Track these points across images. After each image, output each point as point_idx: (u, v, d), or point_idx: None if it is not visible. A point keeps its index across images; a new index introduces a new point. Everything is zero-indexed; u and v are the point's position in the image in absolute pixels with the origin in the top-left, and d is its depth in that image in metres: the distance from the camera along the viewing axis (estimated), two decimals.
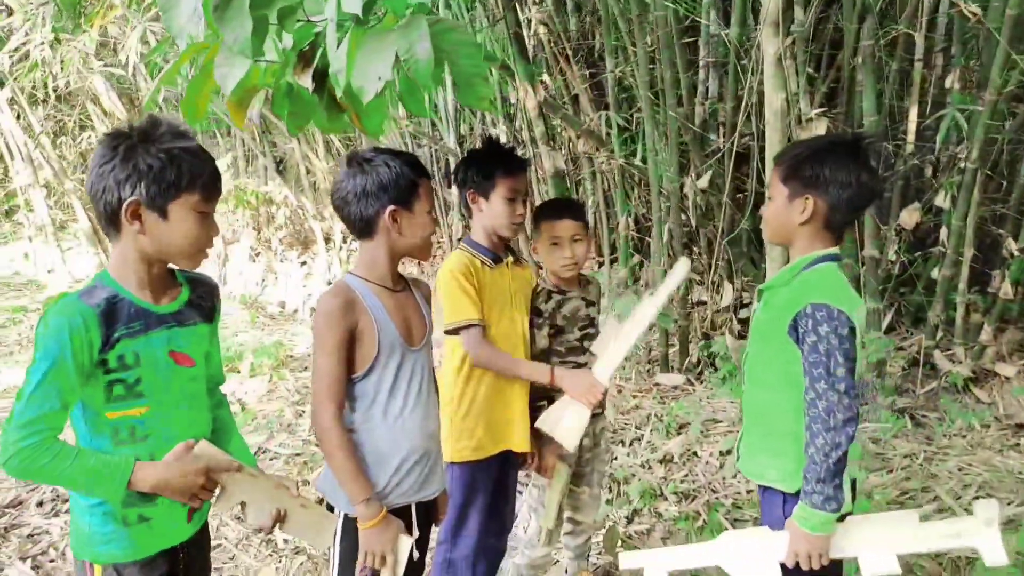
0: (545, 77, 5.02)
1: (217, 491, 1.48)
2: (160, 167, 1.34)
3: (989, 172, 3.92)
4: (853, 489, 1.76)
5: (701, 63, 4.56)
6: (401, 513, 1.67)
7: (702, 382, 4.05)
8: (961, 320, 4.12)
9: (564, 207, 2.28)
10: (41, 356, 1.30)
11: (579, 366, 2.19)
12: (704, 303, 4.68)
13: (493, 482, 2.11)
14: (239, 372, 4.74)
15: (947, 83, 3.98)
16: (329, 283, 6.79)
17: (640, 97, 4.17)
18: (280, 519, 1.53)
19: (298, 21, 1.48)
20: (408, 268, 6.92)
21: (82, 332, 1.31)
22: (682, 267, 2.00)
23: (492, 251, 2.08)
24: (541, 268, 2.40)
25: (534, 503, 2.24)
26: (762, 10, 2.77)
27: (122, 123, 1.55)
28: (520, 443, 2.10)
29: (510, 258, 2.15)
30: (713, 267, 4.50)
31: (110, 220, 1.38)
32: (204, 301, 1.54)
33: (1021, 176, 3.92)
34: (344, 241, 6.93)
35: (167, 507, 1.44)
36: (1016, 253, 3.87)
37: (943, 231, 4.08)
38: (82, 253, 7.65)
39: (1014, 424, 3.69)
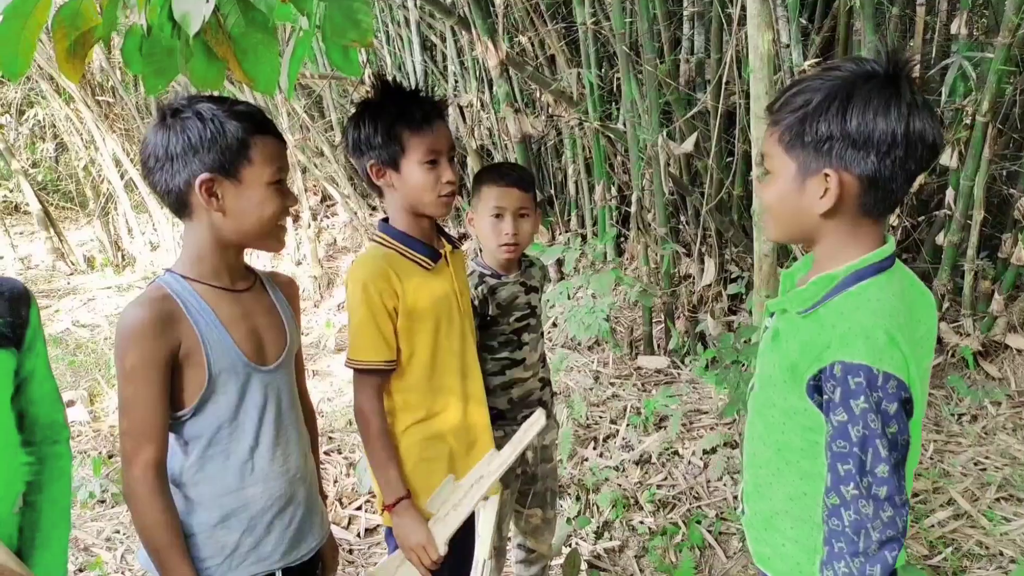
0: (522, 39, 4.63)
1: None
2: None
3: (1000, 126, 3.56)
4: None
5: (686, 14, 4.17)
6: None
7: (687, 365, 3.71)
8: (969, 289, 3.79)
9: (513, 173, 1.86)
10: None
11: (514, 363, 1.83)
12: (691, 276, 4.34)
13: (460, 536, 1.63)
14: None
15: (953, 29, 3.60)
16: (299, 263, 6.42)
17: (616, 52, 3.78)
18: None
19: None
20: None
21: None
22: (537, 419, 1.57)
23: (424, 242, 1.55)
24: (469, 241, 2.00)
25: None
26: None
27: None
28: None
29: (448, 246, 1.62)
30: (700, 238, 4.15)
31: None
32: None
33: None
34: (314, 218, 6.56)
35: None
36: None
37: (949, 193, 3.73)
38: (35, 238, 7.27)
39: None
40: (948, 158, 3.67)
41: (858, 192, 1.09)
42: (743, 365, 2.61)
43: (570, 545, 2.39)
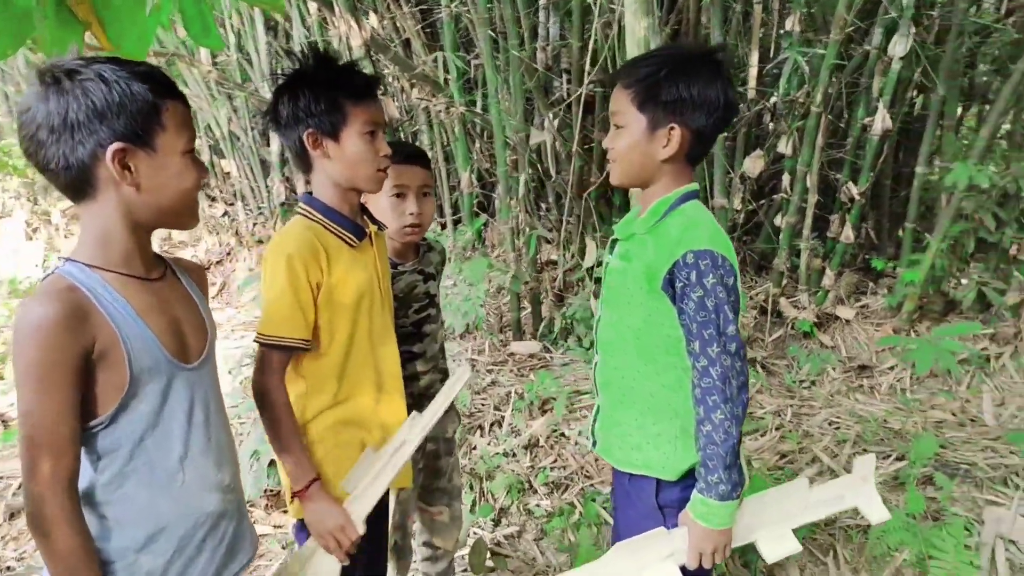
0: (372, 19, 4.47)
1: None
2: None
3: (829, 116, 3.90)
4: None
5: (541, 3, 4.22)
6: None
7: (559, 348, 3.77)
8: (805, 266, 4.14)
9: (410, 148, 1.77)
10: None
11: (415, 356, 1.75)
12: (555, 262, 4.42)
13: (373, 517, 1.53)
14: (3, 379, 3.86)
15: (787, 26, 3.91)
16: None
17: (480, 37, 3.74)
18: None
19: None
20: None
21: None
22: (463, 373, 1.53)
23: (350, 219, 1.47)
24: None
25: None
26: None
27: None
28: (403, 476, 1.56)
29: (374, 226, 1.55)
30: (563, 223, 4.23)
31: None
32: None
33: (857, 119, 3.93)
34: None
35: None
36: (857, 197, 3.89)
37: (785, 178, 4.05)
38: None
39: (856, 366, 3.74)
40: (784, 146, 3.98)
41: (690, 143, 1.37)
42: None
43: (470, 535, 2.35)
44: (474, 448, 2.81)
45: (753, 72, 3.99)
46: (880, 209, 4.60)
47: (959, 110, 4.26)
